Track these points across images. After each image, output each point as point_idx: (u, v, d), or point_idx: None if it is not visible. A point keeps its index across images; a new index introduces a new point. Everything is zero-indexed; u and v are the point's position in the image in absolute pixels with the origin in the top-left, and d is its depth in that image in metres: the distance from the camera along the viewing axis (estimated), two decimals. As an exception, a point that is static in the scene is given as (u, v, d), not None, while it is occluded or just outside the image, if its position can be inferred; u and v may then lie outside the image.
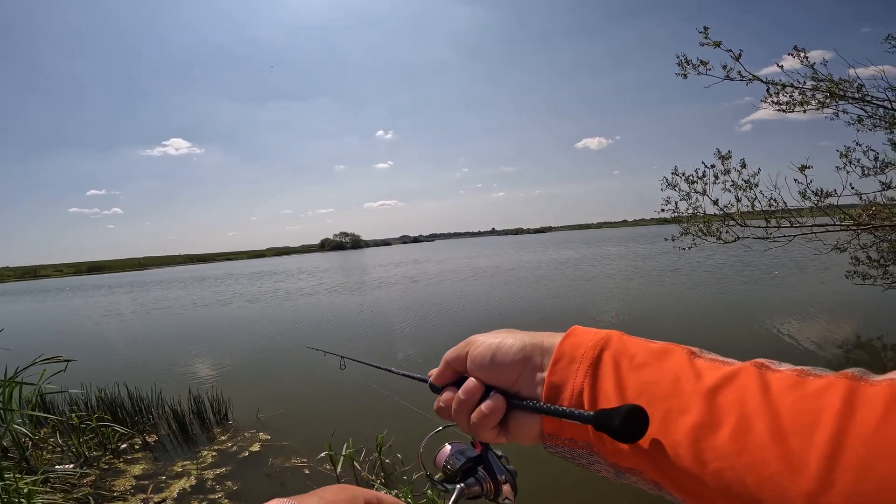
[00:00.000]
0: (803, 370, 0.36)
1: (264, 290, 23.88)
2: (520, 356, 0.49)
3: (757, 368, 0.37)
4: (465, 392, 0.52)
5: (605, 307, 11.65)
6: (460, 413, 0.53)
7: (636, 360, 0.43)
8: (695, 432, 0.35)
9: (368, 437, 4.48)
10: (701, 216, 6.24)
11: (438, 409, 0.56)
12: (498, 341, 0.51)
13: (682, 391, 0.38)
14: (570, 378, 0.45)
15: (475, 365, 0.52)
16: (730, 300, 11.29)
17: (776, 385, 0.35)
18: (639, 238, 57.09)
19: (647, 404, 0.39)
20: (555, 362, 0.47)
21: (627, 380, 0.42)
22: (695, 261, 19.33)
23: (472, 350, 0.53)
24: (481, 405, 0.50)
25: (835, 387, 0.33)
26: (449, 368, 0.56)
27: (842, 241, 6.49)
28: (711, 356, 0.42)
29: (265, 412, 5.86)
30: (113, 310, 21.47)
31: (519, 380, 0.49)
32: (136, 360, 9.77)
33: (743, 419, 0.34)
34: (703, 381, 0.38)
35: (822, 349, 6.91)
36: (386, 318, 12.59)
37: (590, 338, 0.47)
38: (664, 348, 0.43)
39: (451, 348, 0.56)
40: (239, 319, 14.77)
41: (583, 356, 0.45)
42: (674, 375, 0.40)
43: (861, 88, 5.42)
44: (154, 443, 5.31)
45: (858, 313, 8.88)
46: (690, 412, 0.36)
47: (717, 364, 0.40)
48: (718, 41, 4.94)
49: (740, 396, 0.35)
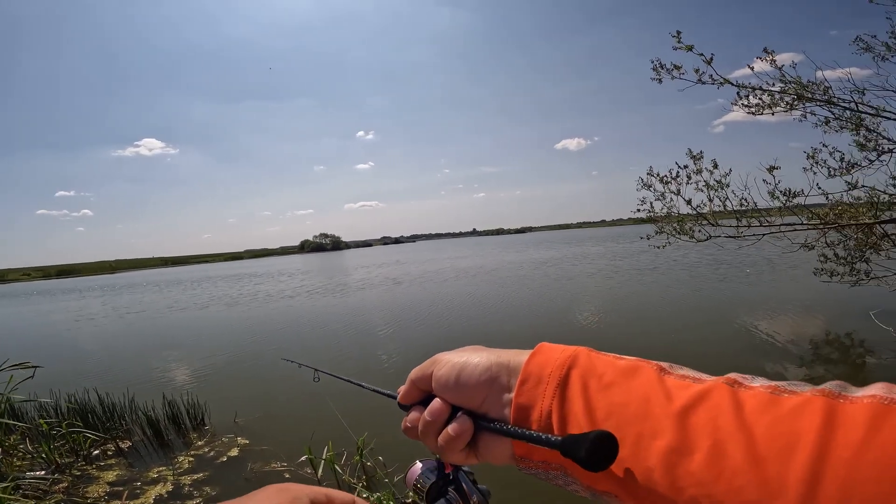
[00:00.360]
0: (777, 387, 0.35)
1: (243, 293, 23.51)
2: (486, 376, 0.48)
3: (729, 386, 0.36)
4: (430, 413, 0.50)
5: (586, 307, 11.78)
6: (427, 434, 0.51)
7: (604, 379, 0.42)
8: (668, 457, 0.34)
9: (350, 441, 4.46)
10: (675, 216, 6.39)
11: (405, 428, 0.54)
12: (463, 361, 0.50)
13: (652, 413, 0.37)
14: (537, 399, 0.44)
15: (440, 385, 0.51)
16: (705, 298, 11.54)
17: (749, 404, 0.34)
18: (617, 237, 58.03)
19: (617, 427, 0.38)
20: (521, 383, 0.45)
21: (596, 401, 0.40)
22: (671, 259, 19.75)
23: (436, 370, 0.51)
24: (448, 427, 0.48)
25: (812, 405, 0.31)
26: (414, 387, 0.54)
27: (810, 240, 6.70)
28: (682, 372, 0.41)
29: (243, 416, 5.78)
30: (84, 314, 20.90)
31: (486, 401, 0.48)
32: (108, 366, 9.53)
33: (717, 443, 0.33)
34: (674, 402, 0.37)
35: (794, 345, 7.10)
36: (368, 320, 12.49)
37: (557, 356, 0.45)
38: (632, 366, 0.42)
39: (416, 367, 0.54)
40: (216, 323, 14.51)
41: (550, 376, 0.44)
42: (643, 396, 0.38)
43: (828, 90, 5.59)
44: (128, 449, 5.19)
45: (827, 310, 9.14)
46: (662, 436, 0.35)
47: (688, 382, 0.38)
48: (690, 45, 5.06)
49: (713, 418, 0.34)
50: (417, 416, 0.52)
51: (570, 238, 76.64)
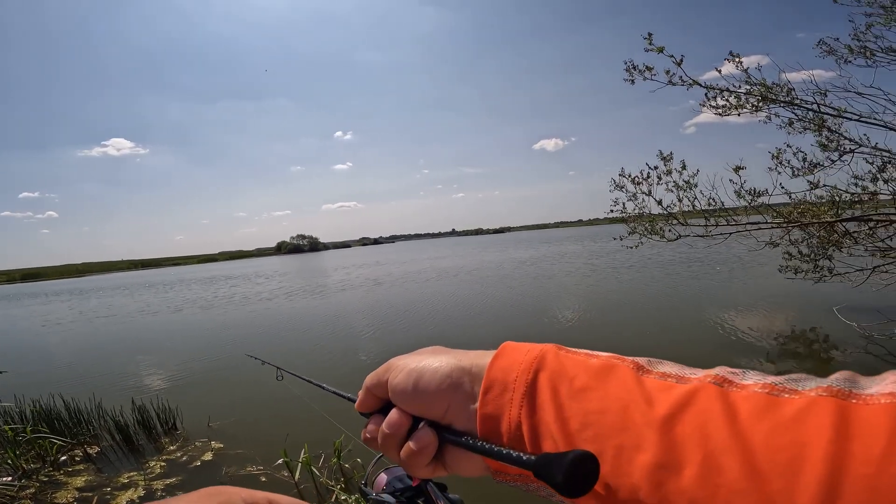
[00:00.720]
0: (775, 385, 0.30)
1: (218, 296, 23.02)
2: (446, 384, 0.43)
3: (717, 386, 0.32)
4: (388, 426, 0.45)
5: (566, 305, 11.92)
6: (387, 448, 0.46)
7: (576, 382, 0.37)
8: (654, 473, 0.30)
9: (327, 443, 4.42)
10: (646, 216, 6.53)
11: (365, 439, 0.49)
12: (421, 367, 0.44)
13: (633, 422, 0.33)
14: (504, 409, 0.39)
15: (396, 395, 0.45)
16: (678, 295, 11.79)
17: (744, 409, 0.29)
18: (594, 237, 58.83)
19: (594, 440, 0.34)
20: (485, 391, 0.40)
21: (569, 409, 0.36)
22: (646, 258, 20.12)
23: (391, 377, 0.46)
24: (409, 441, 0.43)
25: (820, 409, 0.27)
26: (370, 395, 0.49)
27: (774, 238, 6.92)
28: (663, 369, 0.36)
29: (217, 420, 5.68)
30: (51, 319, 20.20)
31: (449, 410, 0.43)
32: (75, 372, 9.23)
33: (709, 456, 0.28)
34: (656, 408, 0.32)
35: (761, 340, 7.32)
36: (349, 322, 12.38)
37: (521, 358, 0.41)
38: (606, 365, 0.38)
39: (372, 372, 0.49)
40: (190, 327, 14.20)
41: (516, 381, 0.39)
42: (621, 402, 0.34)
43: (791, 92, 5.77)
44: (96, 454, 5.06)
45: (792, 306, 9.40)
46: (646, 448, 0.31)
47: (670, 382, 0.34)
48: (661, 47, 5.19)
49: (701, 426, 0.30)
50: (376, 427, 0.47)
51: (548, 238, 77.42)
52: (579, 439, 0.34)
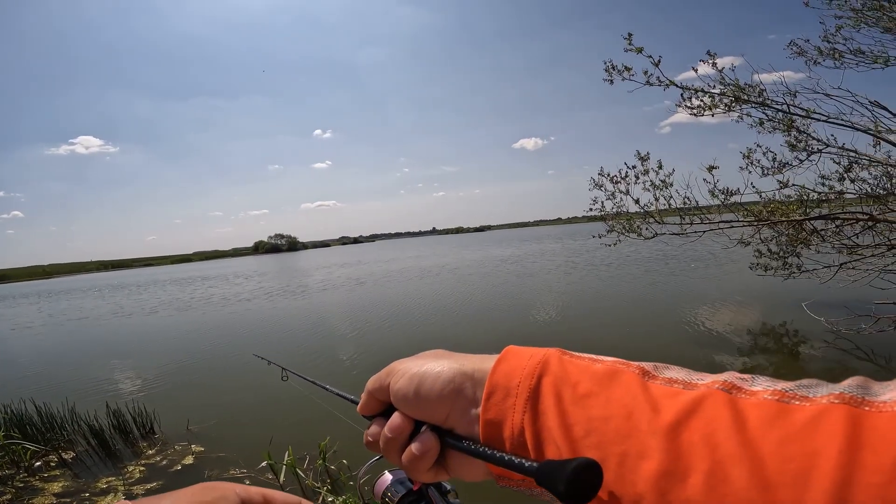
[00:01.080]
0: (785, 392, 0.30)
1: (195, 297, 22.54)
2: (449, 388, 0.43)
3: (725, 393, 0.31)
4: (390, 430, 0.45)
5: (547, 303, 12.04)
6: (389, 452, 0.46)
7: (580, 388, 0.37)
8: (659, 482, 0.30)
9: (311, 444, 4.40)
10: (624, 214, 6.65)
11: (367, 442, 0.49)
12: (423, 371, 0.44)
13: (637, 429, 0.32)
14: (507, 415, 0.39)
15: (398, 399, 0.45)
16: (655, 292, 12.03)
17: (753, 416, 0.29)
18: (573, 234, 59.56)
19: (598, 447, 0.33)
20: (488, 396, 0.40)
21: (573, 415, 0.36)
22: (624, 255, 20.45)
23: (393, 382, 0.46)
24: (411, 445, 0.43)
25: (830, 418, 0.26)
26: (373, 398, 0.49)
27: (745, 236, 7.11)
28: (669, 375, 0.36)
29: (196, 424, 5.59)
30: (20, 322, 19.55)
31: (451, 415, 0.43)
32: (46, 376, 8.97)
33: (716, 464, 0.28)
34: (662, 416, 0.32)
35: (733, 336, 7.51)
36: (332, 323, 12.28)
37: (525, 363, 0.41)
38: (611, 370, 0.37)
39: (374, 375, 0.49)
40: (166, 329, 13.88)
41: (519, 386, 0.39)
42: (626, 409, 0.34)
43: (763, 93, 5.91)
44: (72, 459, 4.95)
45: (763, 302, 9.68)
46: (650, 456, 0.31)
47: (676, 388, 0.34)
48: (640, 47, 5.29)
49: (709, 434, 0.29)
50: (378, 429, 0.47)
51: (528, 236, 77.99)
52: (583, 446, 0.34)
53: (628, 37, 5.24)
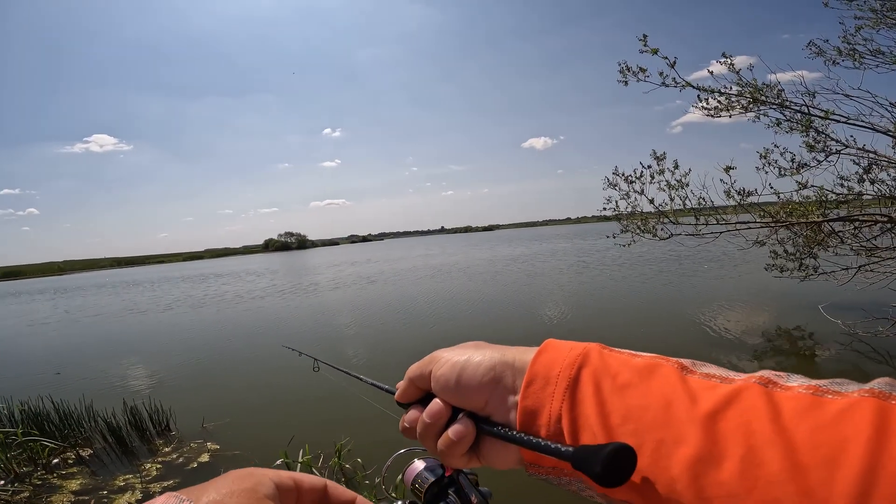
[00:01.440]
0: (819, 387, 0.32)
1: (209, 294, 22.65)
2: (489, 377, 0.44)
3: (762, 386, 0.33)
4: (429, 415, 0.47)
5: (559, 302, 12.03)
6: (426, 437, 0.48)
7: (619, 379, 0.38)
8: (694, 466, 0.31)
9: (324, 443, 4.42)
10: (638, 214, 6.59)
11: (403, 429, 0.51)
12: (464, 360, 0.46)
13: (675, 417, 0.34)
14: (545, 402, 0.40)
15: (439, 386, 0.47)
16: (667, 292, 11.96)
17: (788, 408, 0.31)
18: (583, 234, 59.40)
19: (634, 434, 0.35)
20: (527, 384, 0.42)
21: (611, 404, 0.37)
22: (636, 255, 20.31)
23: (435, 369, 0.48)
24: (448, 431, 0.45)
25: (861, 409, 0.28)
26: (412, 386, 0.51)
27: (762, 237, 7.02)
28: (706, 370, 0.38)
29: (211, 421, 5.64)
30: (37, 318, 19.77)
31: (489, 403, 0.45)
32: (63, 373, 9.10)
33: (751, 450, 0.30)
34: (700, 406, 0.33)
35: (748, 337, 7.45)
36: (344, 320, 12.33)
37: (565, 354, 0.42)
38: (651, 364, 0.39)
39: (415, 363, 0.51)
40: (180, 326, 13.99)
41: (559, 376, 0.41)
42: (664, 399, 0.35)
43: (781, 94, 5.84)
44: (89, 457, 5.01)
45: (779, 304, 9.57)
46: (687, 443, 0.32)
47: (714, 382, 0.36)
48: (656, 49, 5.23)
49: (745, 423, 0.31)
50: (416, 416, 0.49)
51: (537, 235, 77.74)
52: (619, 433, 0.36)
53: (643, 38, 5.18)
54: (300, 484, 0.44)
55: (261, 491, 0.38)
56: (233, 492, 0.37)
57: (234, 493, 0.37)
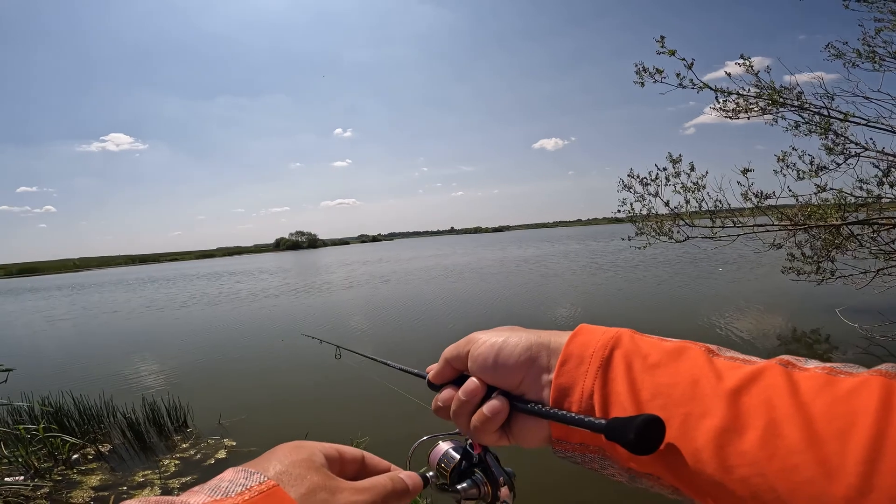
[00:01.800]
0: (833, 368, 0.35)
1: (223, 292, 22.83)
2: (525, 356, 0.47)
3: (783, 367, 0.36)
4: (465, 393, 0.50)
5: (575, 303, 12.06)
6: (460, 414, 0.50)
7: (649, 359, 0.41)
8: (719, 437, 0.34)
9: (341, 441, 4.45)
10: (654, 216, 6.55)
11: (437, 408, 0.53)
12: (501, 340, 0.49)
13: (702, 393, 0.36)
14: (578, 380, 0.43)
15: (477, 365, 0.49)
16: (682, 294, 11.92)
17: (805, 386, 0.34)
18: (595, 236, 59.24)
19: (663, 408, 0.37)
20: (562, 363, 0.44)
21: (641, 381, 0.40)
22: (650, 257, 20.25)
23: (473, 349, 0.50)
24: (483, 407, 0.48)
25: (869, 386, 0.32)
26: (448, 366, 0.53)
27: (779, 239, 6.95)
28: (730, 354, 0.40)
29: (227, 418, 5.72)
30: (56, 314, 20.02)
31: (524, 381, 0.47)
32: (82, 368, 9.26)
33: (772, 422, 0.33)
34: (725, 383, 0.36)
35: (763, 340, 7.40)
36: (363, 318, 12.42)
37: (599, 337, 0.45)
38: (679, 347, 0.41)
39: (451, 345, 0.54)
40: (196, 323, 14.15)
41: (592, 356, 0.43)
42: (692, 377, 0.38)
43: (801, 96, 5.76)
44: (109, 452, 5.09)
45: (795, 307, 9.49)
46: (712, 415, 0.35)
47: (738, 363, 0.38)
48: (673, 50, 5.19)
49: (767, 398, 0.34)
50: (450, 395, 0.52)
51: (548, 237, 77.46)
52: (648, 408, 0.38)
53: (661, 39, 5.15)
54: (343, 454, 0.49)
55: (316, 460, 0.43)
56: (294, 462, 0.41)
57: (295, 463, 0.41)
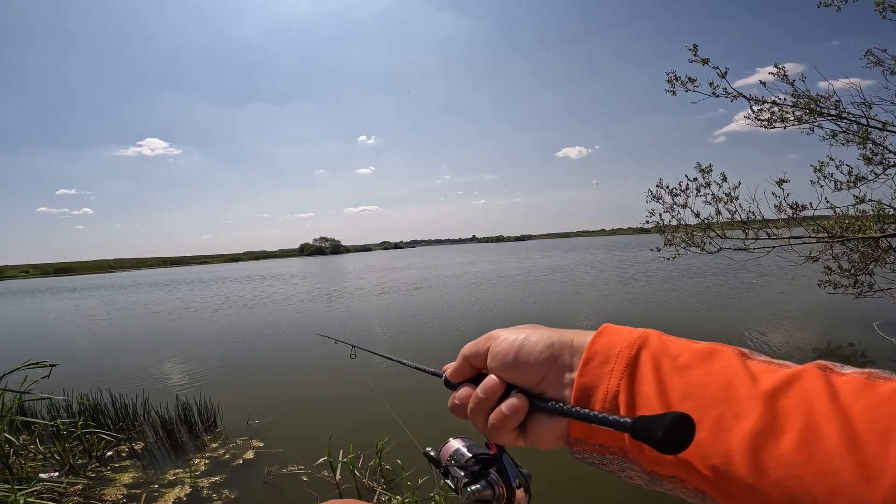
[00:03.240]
0: (872, 373, 0.34)
1: (257, 296, 22.85)
2: (546, 354, 0.46)
3: (821, 370, 0.35)
4: (484, 390, 0.49)
5: (606, 313, 11.93)
6: (478, 413, 0.49)
7: (679, 360, 0.40)
8: (754, 439, 0.33)
9: (364, 444, 4.50)
10: (684, 227, 6.44)
11: (453, 406, 0.53)
12: (522, 338, 0.48)
13: (737, 395, 0.36)
14: (603, 379, 0.42)
15: (497, 362, 0.49)
16: (714, 305, 11.73)
17: (845, 389, 0.33)
18: (623, 246, 58.69)
19: (694, 409, 0.36)
20: (586, 362, 0.43)
21: (670, 382, 0.39)
22: (680, 267, 20.04)
23: (493, 346, 0.50)
24: (502, 405, 0.47)
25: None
26: (467, 364, 0.53)
27: (815, 252, 6.77)
28: (763, 357, 0.39)
29: (256, 419, 5.82)
30: (97, 314, 20.48)
31: (544, 380, 0.46)
32: (120, 366, 9.49)
33: (811, 426, 0.32)
34: (761, 385, 0.35)
35: (797, 353, 7.18)
36: (395, 323, 12.36)
37: (625, 336, 0.44)
38: (710, 349, 0.41)
39: (470, 342, 0.53)
40: (232, 325, 14.26)
41: (618, 355, 0.42)
42: (725, 378, 0.37)
43: (838, 105, 5.63)
44: (141, 450, 5.20)
45: (831, 320, 9.22)
46: (747, 417, 0.34)
47: (774, 366, 0.38)
48: (706, 59, 5.12)
49: (806, 401, 0.33)
50: (468, 393, 0.51)
51: (573, 246, 76.77)
52: (678, 409, 0.37)
53: (693, 48, 5.09)
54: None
55: None
56: None
57: None
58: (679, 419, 0.33)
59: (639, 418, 0.35)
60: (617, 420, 0.37)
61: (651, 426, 0.34)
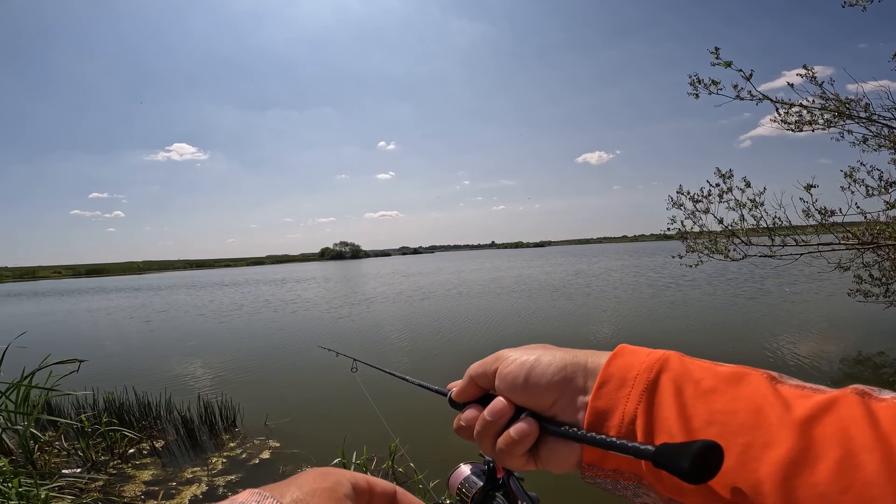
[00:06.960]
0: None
1: (287, 300, 22.79)
2: (559, 377, 0.44)
3: (859, 396, 0.34)
4: (491, 413, 0.46)
5: (631, 317, 11.84)
6: (485, 436, 0.47)
7: (702, 385, 0.38)
8: (786, 468, 0.31)
9: (378, 446, 4.52)
10: (706, 234, 6.29)
11: (459, 427, 0.50)
12: (533, 359, 0.46)
13: (767, 422, 0.33)
14: (619, 403, 0.40)
15: (505, 384, 0.46)
16: (742, 313, 11.54)
17: (885, 416, 0.31)
18: (647, 252, 58.20)
19: (720, 437, 0.34)
20: (600, 385, 0.41)
21: (693, 408, 0.37)
22: (707, 274, 19.68)
23: (501, 367, 0.47)
24: (510, 429, 0.44)
25: None
26: (473, 384, 0.50)
27: (845, 261, 6.55)
28: (795, 381, 0.37)
29: (273, 420, 5.89)
30: (137, 314, 20.89)
31: (556, 403, 0.44)
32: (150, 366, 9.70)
33: (848, 454, 0.30)
34: (794, 412, 0.33)
35: (825, 363, 6.99)
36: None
37: (643, 358, 0.42)
38: (737, 372, 0.38)
39: (477, 362, 0.50)
40: (260, 327, 14.39)
41: (636, 379, 0.40)
42: (754, 405, 0.35)
43: (868, 107, 5.47)
44: (162, 448, 5.31)
45: (861, 330, 8.95)
46: (779, 446, 0.32)
47: (807, 392, 0.35)
48: (729, 61, 5.01)
49: (843, 428, 0.31)
50: (474, 415, 0.48)
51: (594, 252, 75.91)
52: (701, 436, 0.35)
53: (715, 51, 4.98)
54: (373, 487, 0.44)
55: (340, 491, 0.39)
56: (314, 490, 0.38)
57: (315, 492, 0.38)
58: (707, 447, 0.31)
59: (662, 446, 0.34)
60: (637, 447, 0.35)
61: (676, 455, 0.32)
